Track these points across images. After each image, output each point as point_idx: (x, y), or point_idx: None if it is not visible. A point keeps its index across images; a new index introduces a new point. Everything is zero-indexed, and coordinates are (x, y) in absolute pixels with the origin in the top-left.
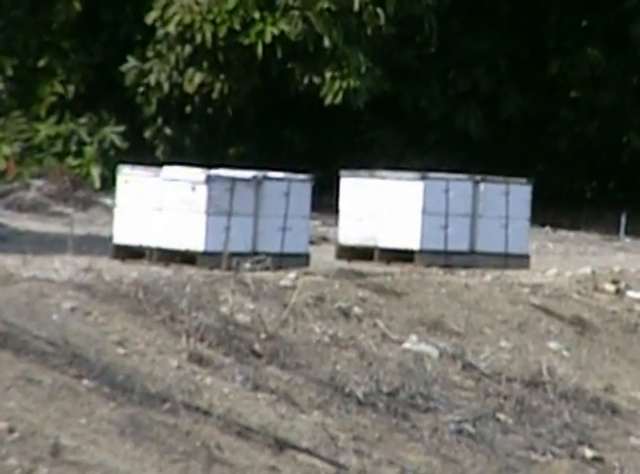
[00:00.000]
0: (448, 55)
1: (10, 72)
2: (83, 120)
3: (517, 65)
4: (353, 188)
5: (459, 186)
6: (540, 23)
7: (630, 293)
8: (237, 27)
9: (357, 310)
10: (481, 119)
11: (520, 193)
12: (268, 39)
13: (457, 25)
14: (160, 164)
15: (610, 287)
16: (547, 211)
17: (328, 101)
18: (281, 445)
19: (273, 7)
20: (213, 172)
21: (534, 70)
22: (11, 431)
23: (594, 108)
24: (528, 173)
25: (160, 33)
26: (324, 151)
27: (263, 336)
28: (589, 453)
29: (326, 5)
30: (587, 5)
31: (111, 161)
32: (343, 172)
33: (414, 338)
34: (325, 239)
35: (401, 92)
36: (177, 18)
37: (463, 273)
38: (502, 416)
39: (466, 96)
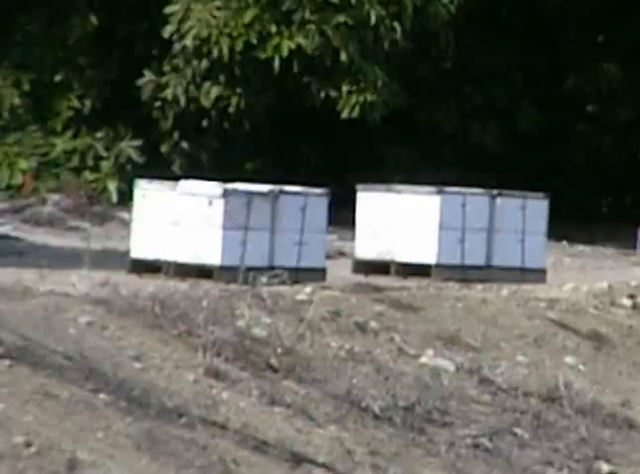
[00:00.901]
0: (464, 70)
1: (27, 87)
2: (100, 135)
3: (532, 80)
4: (369, 202)
5: (476, 200)
6: (556, 38)
7: None
8: (254, 41)
9: (373, 325)
10: (497, 134)
11: (537, 207)
12: (284, 52)
13: (472, 40)
14: (177, 178)
15: (627, 302)
16: (563, 226)
17: (345, 115)
18: (298, 460)
19: (289, 21)
20: (230, 186)
21: (550, 85)
22: (28, 445)
23: (610, 123)
24: (544, 188)
25: (177, 47)
26: (339, 166)
27: (279, 350)
28: (605, 468)
29: (343, 19)
30: (603, 20)
31: (127, 175)
32: (359, 186)
33: (430, 352)
34: (342, 253)
35: (416, 107)
36: (194, 32)
37: (480, 287)
38: (518, 430)
39: (482, 111)
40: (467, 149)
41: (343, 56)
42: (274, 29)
